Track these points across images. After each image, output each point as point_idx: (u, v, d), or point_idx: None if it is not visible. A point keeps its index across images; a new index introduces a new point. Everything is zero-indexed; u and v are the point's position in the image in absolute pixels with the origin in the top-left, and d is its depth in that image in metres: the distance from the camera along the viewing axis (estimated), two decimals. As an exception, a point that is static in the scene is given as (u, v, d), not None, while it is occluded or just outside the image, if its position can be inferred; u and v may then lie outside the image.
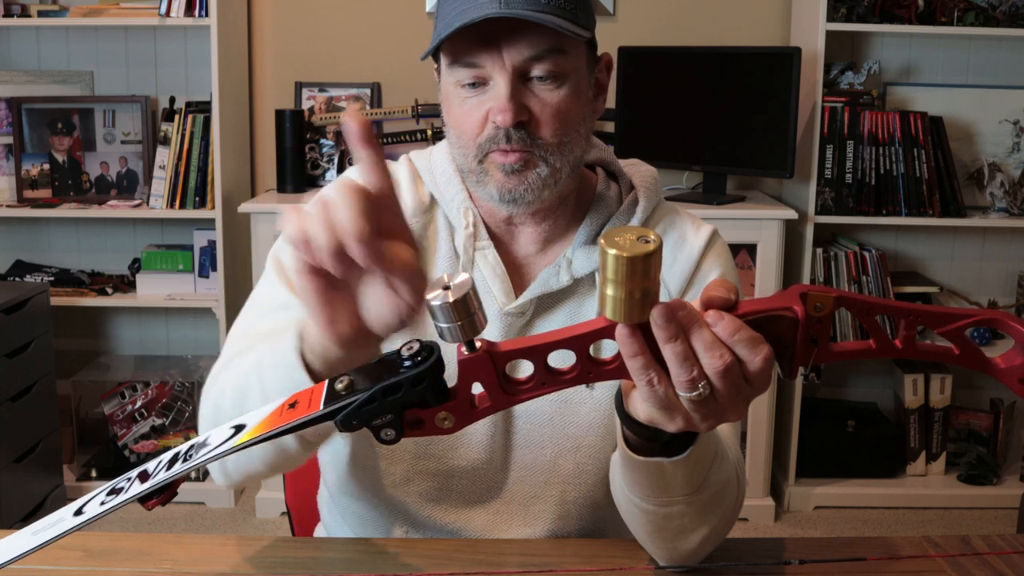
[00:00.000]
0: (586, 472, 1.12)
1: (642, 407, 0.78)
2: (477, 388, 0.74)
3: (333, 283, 0.74)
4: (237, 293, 3.14)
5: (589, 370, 0.74)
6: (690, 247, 1.15)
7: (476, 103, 1.04)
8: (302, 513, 1.47)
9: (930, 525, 3.04)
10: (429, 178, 1.17)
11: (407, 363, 0.71)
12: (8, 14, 2.97)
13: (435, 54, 1.08)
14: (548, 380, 0.74)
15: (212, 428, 0.89)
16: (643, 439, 0.83)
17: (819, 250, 3.07)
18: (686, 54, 3.06)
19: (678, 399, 0.74)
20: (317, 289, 0.73)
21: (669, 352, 0.71)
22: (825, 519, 3.09)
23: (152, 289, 3.13)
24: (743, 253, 3.04)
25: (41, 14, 3.02)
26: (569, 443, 1.12)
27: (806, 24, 3.05)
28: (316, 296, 0.74)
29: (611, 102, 3.08)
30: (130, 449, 3.11)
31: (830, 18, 2.94)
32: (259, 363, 0.89)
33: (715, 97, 3.00)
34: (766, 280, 2.90)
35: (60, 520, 0.74)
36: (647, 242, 0.67)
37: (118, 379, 3.15)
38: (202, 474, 3.04)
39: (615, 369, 0.75)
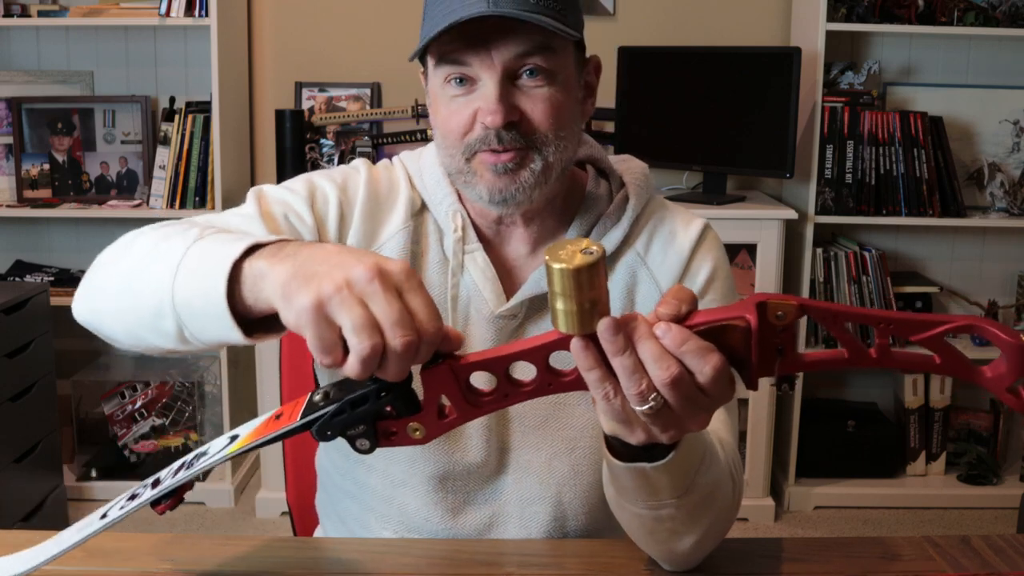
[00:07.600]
0: (582, 474, 1.12)
1: (604, 419, 0.78)
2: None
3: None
4: (237, 293, 3.14)
5: (549, 381, 0.77)
6: (680, 243, 1.14)
7: (464, 102, 1.02)
8: (304, 513, 1.46)
9: (930, 525, 3.04)
10: (418, 180, 1.15)
11: (375, 375, 0.73)
12: (8, 14, 2.97)
13: (422, 58, 1.07)
14: (510, 391, 0.77)
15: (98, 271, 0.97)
16: (623, 445, 0.82)
17: (819, 250, 3.07)
18: (686, 54, 3.06)
19: (634, 412, 0.74)
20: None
21: (618, 365, 0.72)
22: (825, 519, 3.09)
23: (152, 289, 3.12)
24: (743, 253, 3.04)
25: (41, 14, 3.02)
26: (564, 445, 1.12)
27: (806, 24, 3.05)
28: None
29: (611, 102, 3.08)
30: (130, 449, 3.10)
31: (830, 18, 2.94)
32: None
33: (715, 97, 3.00)
34: (766, 280, 2.90)
35: (89, 524, 0.85)
36: (589, 253, 0.69)
37: (118, 379, 3.15)
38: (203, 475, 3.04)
39: (573, 381, 0.77)
